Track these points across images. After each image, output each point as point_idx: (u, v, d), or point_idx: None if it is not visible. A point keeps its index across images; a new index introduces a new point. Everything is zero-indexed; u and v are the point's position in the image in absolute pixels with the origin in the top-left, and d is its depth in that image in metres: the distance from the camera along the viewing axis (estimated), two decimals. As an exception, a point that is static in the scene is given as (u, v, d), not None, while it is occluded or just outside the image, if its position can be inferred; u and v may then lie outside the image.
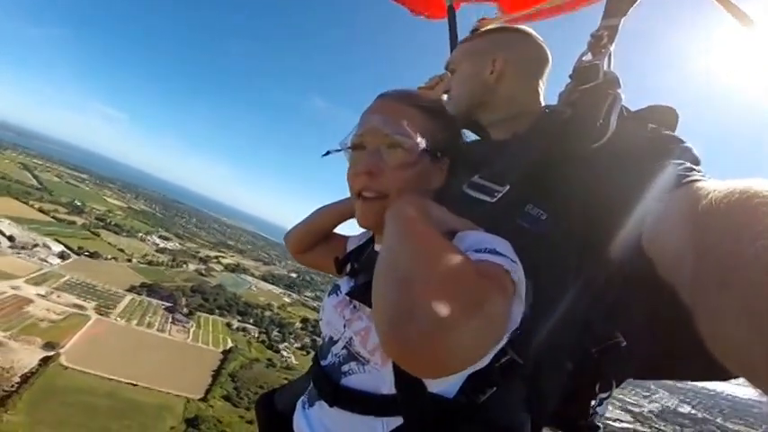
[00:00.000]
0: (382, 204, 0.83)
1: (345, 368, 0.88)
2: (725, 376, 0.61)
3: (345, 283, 1.03)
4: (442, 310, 0.51)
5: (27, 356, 61.25)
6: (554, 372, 0.87)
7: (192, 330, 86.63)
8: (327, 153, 0.96)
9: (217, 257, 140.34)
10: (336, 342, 0.94)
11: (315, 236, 1.31)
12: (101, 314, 79.61)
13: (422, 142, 0.85)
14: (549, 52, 1.22)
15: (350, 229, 1.24)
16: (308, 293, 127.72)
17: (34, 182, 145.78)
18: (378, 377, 0.82)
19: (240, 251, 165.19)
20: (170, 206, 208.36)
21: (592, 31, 1.01)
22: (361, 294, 0.87)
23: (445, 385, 0.77)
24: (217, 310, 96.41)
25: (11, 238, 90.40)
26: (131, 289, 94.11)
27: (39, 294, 77.16)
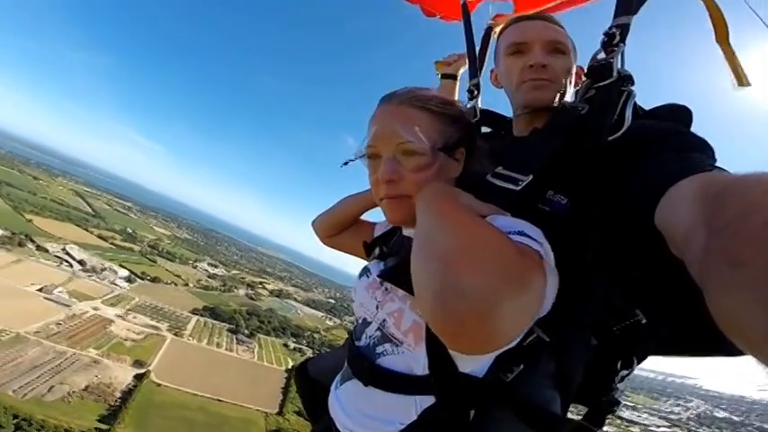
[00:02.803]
0: (408, 202, 0.84)
1: (380, 349, 0.90)
2: (735, 352, 0.62)
3: (375, 266, 1.05)
4: (490, 284, 0.50)
5: (122, 374, 64.66)
6: (580, 348, 0.88)
7: (255, 350, 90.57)
8: (346, 163, 0.97)
9: (261, 283, 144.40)
10: (370, 324, 0.96)
11: (342, 222, 1.34)
12: (175, 335, 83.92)
13: (434, 143, 0.86)
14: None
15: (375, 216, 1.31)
16: (348, 318, 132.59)
17: (88, 209, 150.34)
18: (411, 358, 0.85)
19: (280, 278, 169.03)
20: (209, 235, 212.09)
21: (604, 30, 1.00)
22: (392, 276, 0.86)
23: (475, 365, 0.79)
24: (272, 332, 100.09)
25: (81, 263, 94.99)
26: (194, 311, 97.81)
27: (117, 315, 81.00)
